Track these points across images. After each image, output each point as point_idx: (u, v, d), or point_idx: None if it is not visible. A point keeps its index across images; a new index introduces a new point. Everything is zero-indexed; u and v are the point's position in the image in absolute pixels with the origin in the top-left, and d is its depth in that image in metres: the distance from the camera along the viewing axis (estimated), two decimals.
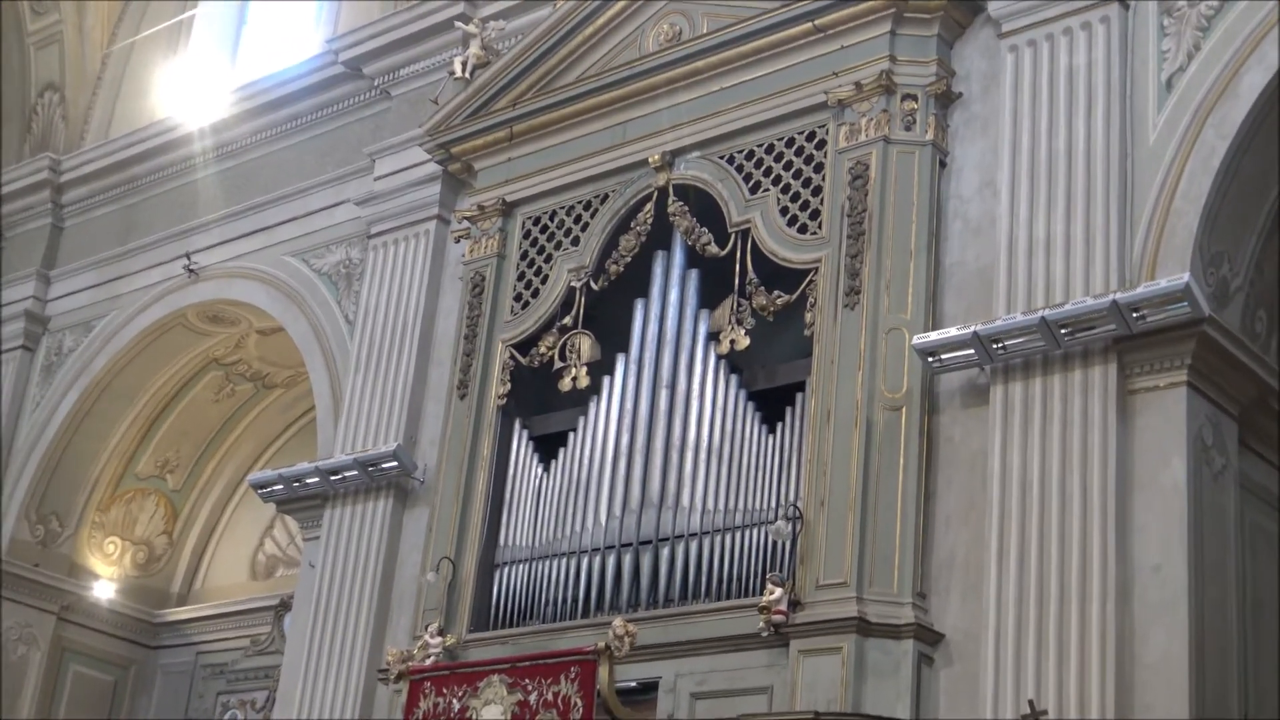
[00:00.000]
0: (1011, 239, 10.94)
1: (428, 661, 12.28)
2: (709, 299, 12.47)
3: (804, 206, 11.95)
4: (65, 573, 17.88)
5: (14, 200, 18.84)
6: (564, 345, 12.98)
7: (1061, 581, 9.94)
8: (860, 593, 10.53)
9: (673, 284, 12.64)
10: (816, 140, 12.07)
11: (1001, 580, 10.18)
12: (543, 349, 13.10)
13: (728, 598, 11.34)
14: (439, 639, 12.43)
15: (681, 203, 12.70)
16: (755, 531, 11.39)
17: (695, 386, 12.18)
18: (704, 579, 11.54)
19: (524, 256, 13.59)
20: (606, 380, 12.72)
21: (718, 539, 11.56)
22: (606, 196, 13.23)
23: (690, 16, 13.02)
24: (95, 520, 18.18)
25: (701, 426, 12.02)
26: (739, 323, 12.04)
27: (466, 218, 14.02)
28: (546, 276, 13.36)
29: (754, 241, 12.10)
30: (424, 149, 14.49)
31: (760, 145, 12.36)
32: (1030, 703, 9.68)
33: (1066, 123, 10.97)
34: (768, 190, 12.17)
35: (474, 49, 14.40)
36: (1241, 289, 10.74)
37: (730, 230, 12.29)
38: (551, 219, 13.54)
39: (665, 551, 11.78)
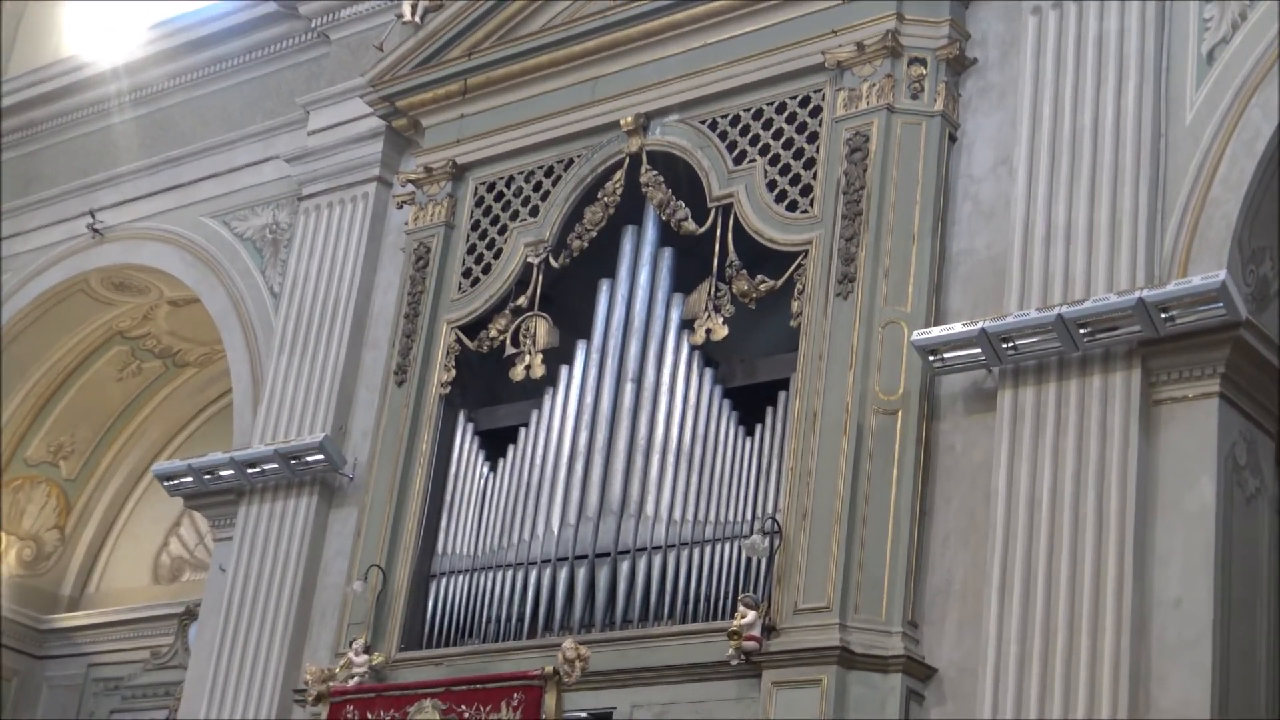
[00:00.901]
0: (1027, 225, 10.93)
1: (351, 682, 12.22)
2: (684, 282, 12.43)
3: (794, 181, 11.92)
4: None
5: None
6: (518, 329, 12.93)
7: (1071, 614, 9.93)
8: (844, 619, 10.50)
9: (643, 264, 12.60)
10: (811, 106, 12.04)
11: (1003, 610, 10.17)
12: (493, 332, 13.06)
13: (694, 620, 11.32)
14: (365, 657, 12.38)
15: (656, 172, 12.65)
16: (727, 546, 11.36)
17: (665, 380, 12.14)
18: (668, 598, 11.51)
19: (475, 227, 13.53)
20: (564, 370, 12.68)
21: (685, 553, 11.53)
22: (571, 162, 13.17)
23: None
24: None
25: (670, 426, 11.98)
26: (717, 310, 12.01)
27: (411, 181, 13.96)
28: (500, 250, 13.30)
29: (736, 218, 12.06)
30: (365, 101, 14.42)
31: (747, 110, 12.32)
32: None
33: (1093, 96, 10.96)
34: (754, 161, 12.14)
35: None
36: None
37: (710, 205, 12.25)
38: (508, 185, 13.48)
39: (625, 566, 11.74)
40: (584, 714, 11.27)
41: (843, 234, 11.41)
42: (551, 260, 13.02)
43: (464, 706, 11.34)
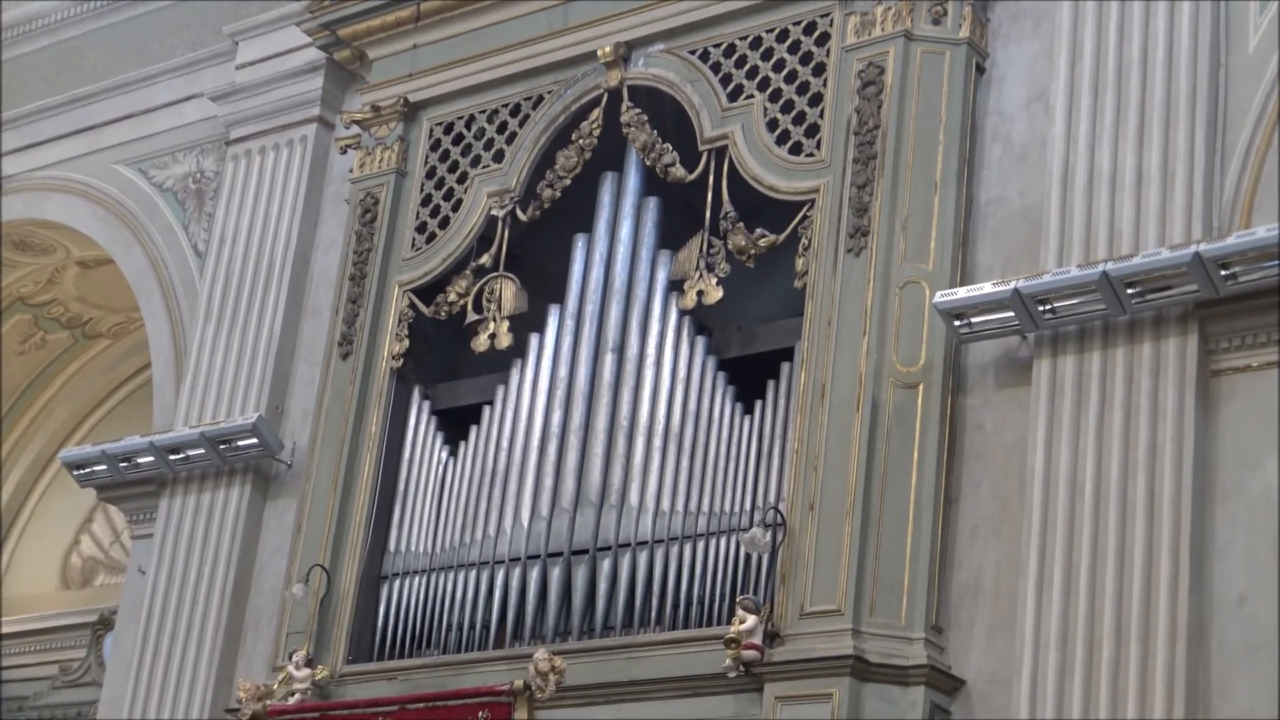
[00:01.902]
0: (1067, 170, 10.93)
1: (291, 700, 12.24)
2: (671, 237, 12.43)
3: (799, 119, 11.91)
4: None
5: None
6: (480, 292, 12.94)
7: (1119, 616, 9.95)
8: (858, 624, 10.52)
9: (624, 216, 12.60)
10: (817, 34, 12.03)
11: (1041, 612, 10.20)
12: (452, 296, 13.05)
13: (686, 626, 11.34)
14: (307, 671, 12.38)
15: (639, 110, 12.65)
16: (724, 541, 11.37)
17: (650, 351, 12.15)
18: (655, 601, 11.53)
19: (431, 175, 13.52)
20: (534, 339, 12.68)
21: (675, 550, 11.54)
22: (541, 99, 13.16)
23: None
24: None
25: (657, 403, 11.99)
26: (710, 269, 12.01)
27: (356, 121, 13.93)
28: (460, 201, 13.29)
29: (732, 163, 12.06)
30: (302, 30, 14.40)
31: (744, 38, 12.31)
32: None
33: (1142, 21, 10.96)
34: (752, 97, 12.12)
35: None
36: None
37: (702, 148, 12.24)
38: (468, 126, 13.47)
39: (606, 564, 11.76)
40: None
41: (854, 181, 11.41)
42: (519, 212, 13.00)
43: None
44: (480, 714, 11.24)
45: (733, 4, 12.36)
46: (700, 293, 12.02)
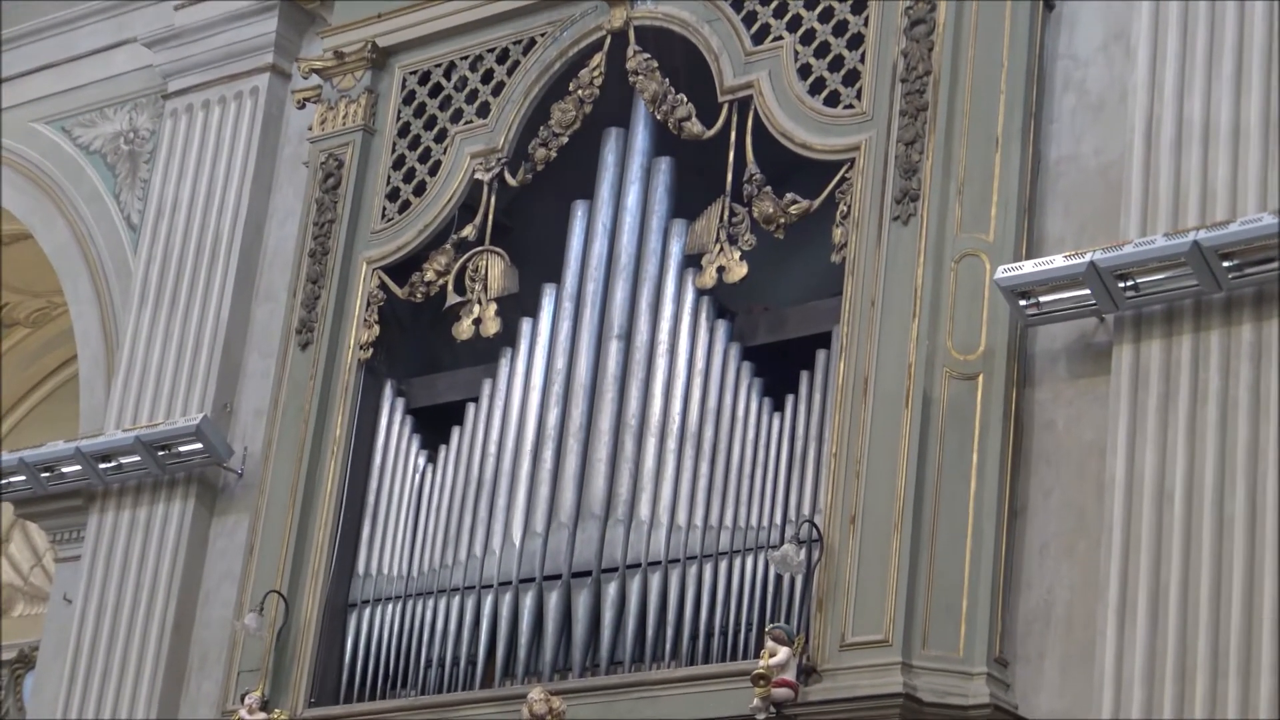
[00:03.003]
0: (1151, 124, 10.93)
1: None
2: (687, 204, 12.45)
3: (835, 65, 11.93)
4: None
5: None
6: (463, 270, 12.95)
7: (1214, 647, 9.95)
8: (908, 657, 10.54)
9: (631, 179, 12.63)
10: None
11: (1124, 642, 10.20)
12: (430, 275, 13.08)
13: (706, 660, 11.36)
14: (262, 715, 12.40)
15: (648, 55, 12.67)
16: (750, 560, 11.39)
17: (663, 338, 12.17)
18: (670, 631, 11.55)
19: (404, 132, 13.55)
20: (527, 325, 12.71)
21: (692, 571, 11.56)
22: (533, 43, 13.18)
23: None
24: None
25: (671, 399, 12.01)
26: (732, 241, 12.03)
27: (317, 70, 13.95)
28: (438, 164, 13.32)
29: (758, 117, 12.08)
30: None
31: None
32: None
33: None
34: (780, 39, 12.14)
35: None
36: None
37: (722, 99, 12.26)
38: (448, 76, 13.50)
39: (612, 588, 11.78)
40: None
41: (901, 137, 11.42)
42: (508, 176, 13.02)
43: None
44: None
45: None
46: (721, 269, 12.03)
